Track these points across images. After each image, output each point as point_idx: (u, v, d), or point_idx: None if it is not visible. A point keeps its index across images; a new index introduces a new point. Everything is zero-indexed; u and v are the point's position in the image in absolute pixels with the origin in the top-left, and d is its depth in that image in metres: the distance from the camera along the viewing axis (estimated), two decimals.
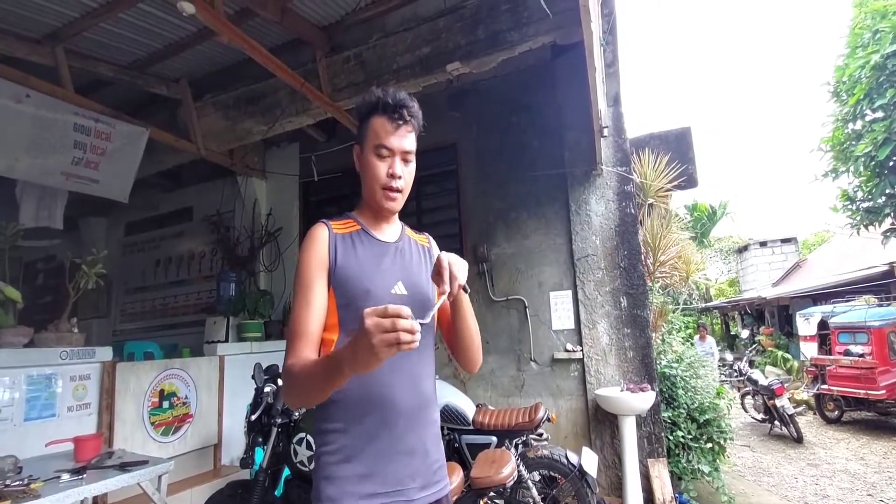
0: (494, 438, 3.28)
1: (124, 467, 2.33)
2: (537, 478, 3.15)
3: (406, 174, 1.19)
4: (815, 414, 8.60)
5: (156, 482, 2.42)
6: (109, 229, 6.93)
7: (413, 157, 1.21)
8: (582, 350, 4.08)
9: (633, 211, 4.18)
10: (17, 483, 1.99)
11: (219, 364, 3.96)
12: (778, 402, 7.08)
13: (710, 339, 9.40)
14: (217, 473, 3.71)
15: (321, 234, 1.15)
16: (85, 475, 2.18)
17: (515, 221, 4.51)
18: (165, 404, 3.43)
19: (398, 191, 1.17)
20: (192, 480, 3.54)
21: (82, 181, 4.10)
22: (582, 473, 2.95)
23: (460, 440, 3.39)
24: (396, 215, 1.30)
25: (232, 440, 3.92)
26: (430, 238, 1.45)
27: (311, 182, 5.30)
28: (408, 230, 1.36)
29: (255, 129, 4.59)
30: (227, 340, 4.51)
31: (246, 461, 2.60)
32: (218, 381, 3.92)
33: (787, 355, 11.22)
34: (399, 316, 0.72)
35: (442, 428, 3.46)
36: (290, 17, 3.81)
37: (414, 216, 5.13)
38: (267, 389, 2.71)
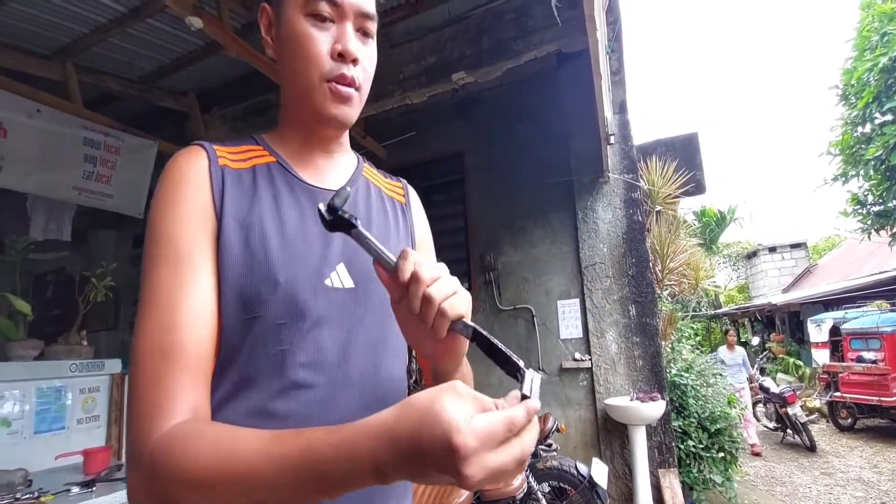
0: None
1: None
2: (547, 489, 3.12)
3: (365, 59, 0.69)
4: (827, 422, 8.48)
5: None
6: (118, 242, 6.98)
7: (374, 31, 0.71)
8: (590, 359, 4.05)
9: (640, 218, 4.16)
10: (28, 496, 1.99)
11: None
12: (790, 410, 6.98)
13: (740, 350, 7.48)
14: None
15: (194, 166, 0.63)
16: (94, 488, 2.18)
17: (522, 230, 4.50)
18: None
19: (353, 85, 0.66)
20: None
21: (95, 196, 4.14)
22: (592, 485, 2.91)
23: None
24: (346, 141, 0.79)
25: None
26: (409, 188, 0.92)
27: None
28: (368, 169, 0.84)
29: None
30: None
31: None
32: None
33: (799, 362, 11.08)
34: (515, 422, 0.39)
35: None
36: None
37: None
38: None
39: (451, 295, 0.51)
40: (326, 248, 0.65)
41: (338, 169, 0.76)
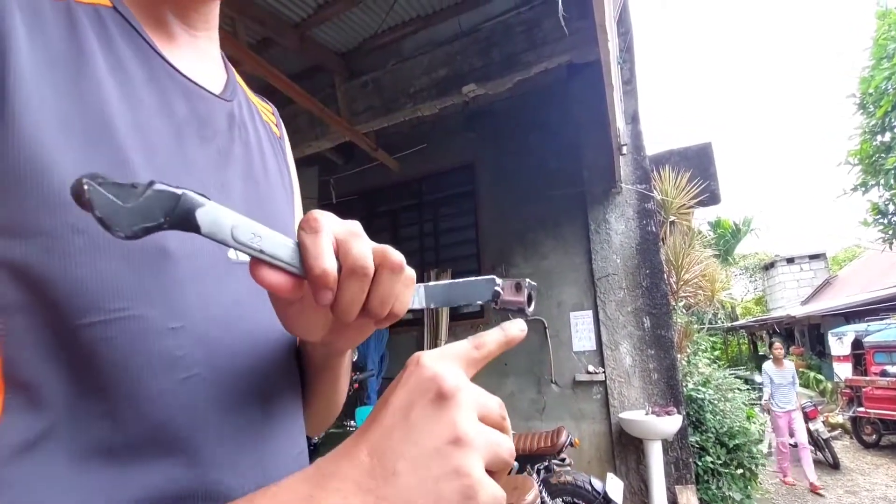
0: (516, 464, 3.19)
1: None
2: None
3: None
4: (851, 438, 8.22)
5: None
6: None
7: None
8: (604, 372, 3.98)
9: (654, 229, 4.11)
10: None
11: None
12: (812, 426, 6.78)
13: (790, 365, 6.30)
14: None
15: None
16: None
17: (534, 241, 4.47)
18: None
19: None
20: None
21: None
22: (607, 500, 2.85)
23: None
24: (215, 22, 0.53)
25: None
26: (278, 115, 0.68)
27: (330, 204, 5.36)
28: (238, 76, 0.58)
29: None
30: None
31: None
32: None
33: (820, 376, 10.81)
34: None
35: None
36: (309, 44, 3.91)
37: (431, 237, 5.14)
38: None
39: (399, 290, 0.34)
40: (222, 191, 0.44)
41: (206, 60, 0.50)
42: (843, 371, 9.46)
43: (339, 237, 0.32)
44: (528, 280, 0.37)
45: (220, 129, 0.47)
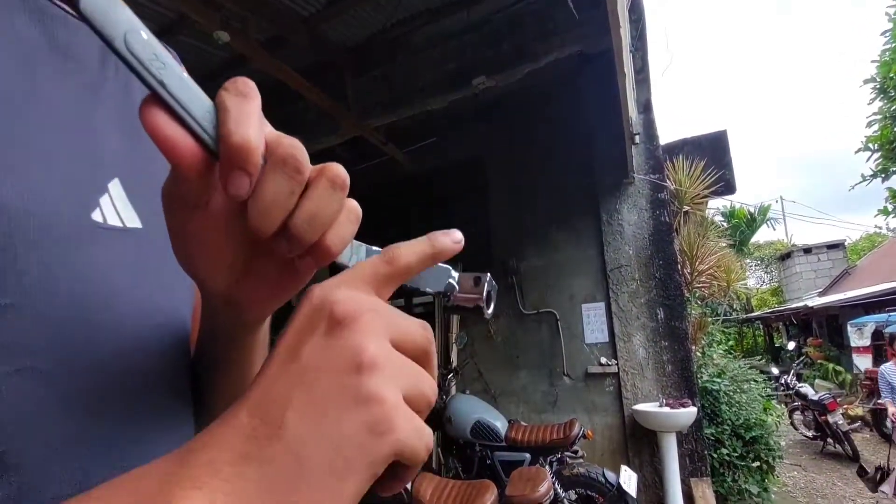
0: (528, 455, 3.21)
1: None
2: (574, 497, 3.06)
3: None
4: (871, 430, 8.09)
5: None
6: None
7: None
8: (617, 364, 3.97)
9: (667, 219, 4.07)
10: None
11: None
12: (830, 418, 6.69)
13: None
14: None
15: None
16: None
17: (545, 233, 4.45)
18: None
19: None
20: None
21: None
22: (621, 493, 2.84)
23: (493, 457, 3.33)
24: None
25: None
26: (179, 61, 0.43)
27: None
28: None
29: None
30: None
31: None
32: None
33: (839, 368, 10.64)
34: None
35: (474, 444, 3.43)
36: (319, 40, 3.91)
37: None
38: None
39: (335, 211, 0.27)
40: (87, 136, 0.36)
41: None
42: (864, 363, 9.31)
43: (270, 134, 0.25)
44: (488, 275, 0.32)
45: (87, 62, 0.38)
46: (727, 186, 5.98)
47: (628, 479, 2.93)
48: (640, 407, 3.64)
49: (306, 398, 0.21)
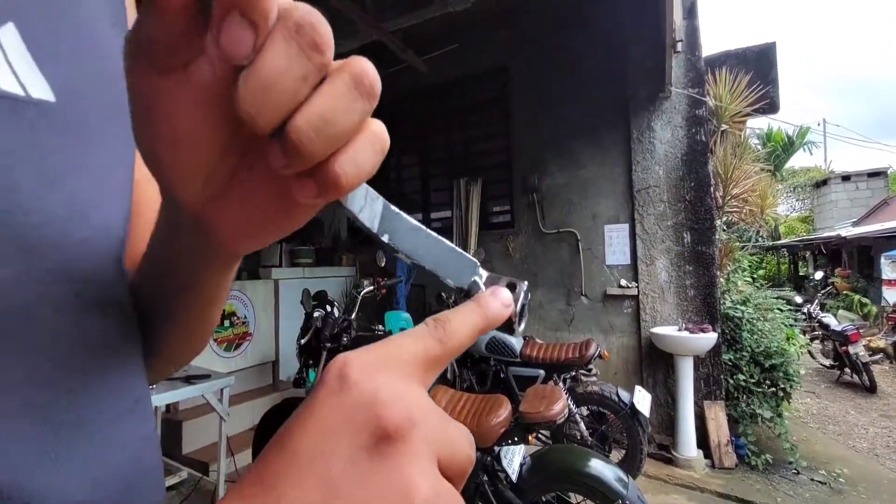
0: (542, 372, 3.21)
1: (190, 380, 2.51)
2: (585, 413, 3.09)
3: None
4: (891, 363, 8.03)
5: (218, 394, 2.57)
6: None
7: None
8: (637, 286, 3.86)
9: (703, 138, 3.78)
10: None
11: (274, 287, 4.17)
12: (851, 349, 6.61)
13: None
14: (275, 388, 4.00)
15: None
16: (155, 386, 2.31)
17: (569, 150, 4.20)
18: (226, 322, 3.68)
19: None
20: (252, 394, 3.89)
21: None
22: (634, 412, 2.84)
23: (507, 371, 3.35)
24: None
25: (288, 358, 4.17)
26: None
27: None
28: None
29: None
30: (280, 265, 4.67)
31: (299, 381, 2.71)
32: (273, 303, 4.16)
33: (866, 300, 10.43)
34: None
35: (489, 359, 3.44)
36: None
37: (461, 145, 4.91)
38: (315, 314, 2.76)
39: (355, 120, 0.19)
40: None
41: None
42: (893, 296, 9.10)
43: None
44: (525, 284, 0.27)
45: None
46: (771, 105, 5.56)
47: (642, 399, 2.92)
48: (659, 330, 3.58)
49: None
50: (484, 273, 0.26)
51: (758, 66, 5.32)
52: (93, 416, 0.27)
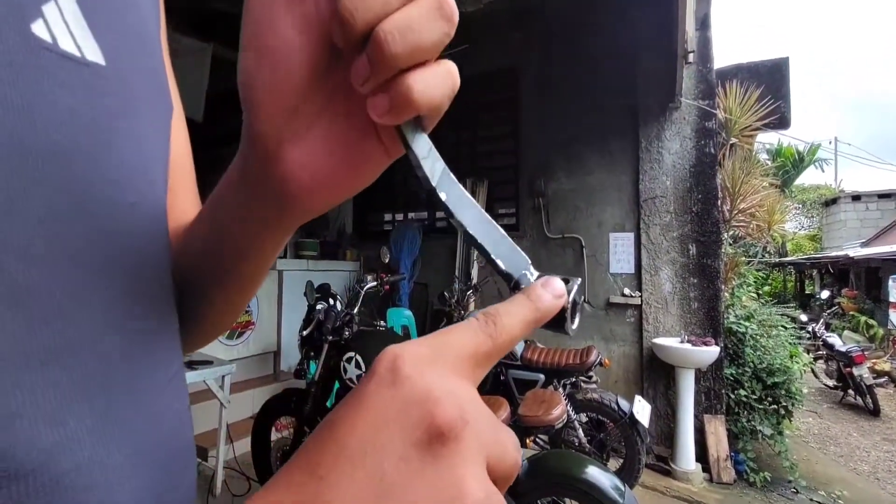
0: (542, 376, 3.19)
1: (192, 365, 2.50)
2: (584, 420, 3.07)
3: None
4: None
5: (220, 381, 2.57)
6: None
7: None
8: (641, 296, 3.84)
9: (712, 151, 3.77)
10: None
11: (278, 278, 4.19)
12: (856, 371, 6.53)
13: None
14: (276, 378, 4.01)
15: None
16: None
17: (577, 155, 4.20)
18: None
19: None
20: (253, 382, 3.91)
21: None
22: (633, 421, 2.82)
23: (507, 374, 3.33)
24: None
25: (290, 349, 4.19)
26: None
27: None
28: None
29: None
30: (285, 256, 4.69)
31: (300, 372, 2.72)
32: (277, 294, 4.18)
33: (872, 321, 10.33)
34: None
35: None
36: None
37: (468, 145, 4.92)
38: (318, 307, 2.76)
39: (435, 38, 0.21)
40: None
41: None
42: None
43: None
44: (579, 281, 0.25)
45: None
46: (781, 120, 5.55)
47: (642, 409, 2.89)
48: (661, 341, 3.55)
49: None
50: (535, 272, 0.24)
51: (770, 80, 5.32)
52: (143, 387, 0.27)
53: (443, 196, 0.23)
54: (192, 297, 0.35)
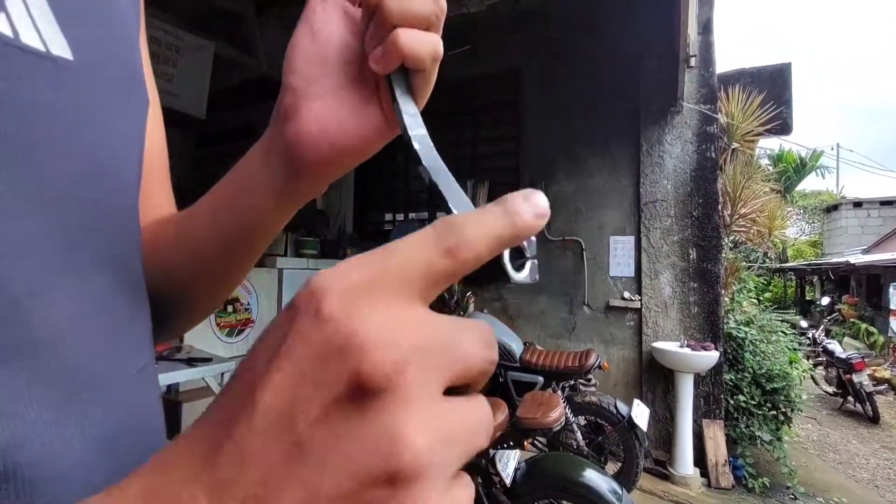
0: (541, 379, 3.19)
1: (191, 362, 2.52)
2: (583, 423, 3.06)
3: None
4: None
5: (219, 378, 2.58)
6: (182, 142, 7.10)
7: None
8: (640, 300, 3.84)
9: (713, 155, 3.77)
10: None
11: (278, 276, 4.19)
12: (855, 378, 6.52)
13: None
14: None
15: None
16: (157, 365, 2.31)
17: (578, 158, 4.20)
18: (229, 308, 3.70)
19: None
20: None
21: (161, 94, 4.21)
22: (631, 425, 2.81)
23: (506, 376, 3.33)
24: None
25: None
26: None
27: None
28: None
29: None
30: (285, 255, 4.67)
31: None
32: (277, 292, 4.18)
33: (873, 329, 10.31)
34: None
35: None
36: None
37: (469, 146, 4.92)
38: None
39: (424, 9, 0.26)
40: None
41: None
42: None
43: None
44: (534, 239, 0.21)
45: None
46: (783, 126, 5.54)
47: (640, 413, 2.89)
48: (660, 345, 3.55)
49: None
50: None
51: (772, 85, 5.32)
52: (109, 379, 0.27)
53: (416, 146, 0.25)
54: (190, 275, 0.39)
